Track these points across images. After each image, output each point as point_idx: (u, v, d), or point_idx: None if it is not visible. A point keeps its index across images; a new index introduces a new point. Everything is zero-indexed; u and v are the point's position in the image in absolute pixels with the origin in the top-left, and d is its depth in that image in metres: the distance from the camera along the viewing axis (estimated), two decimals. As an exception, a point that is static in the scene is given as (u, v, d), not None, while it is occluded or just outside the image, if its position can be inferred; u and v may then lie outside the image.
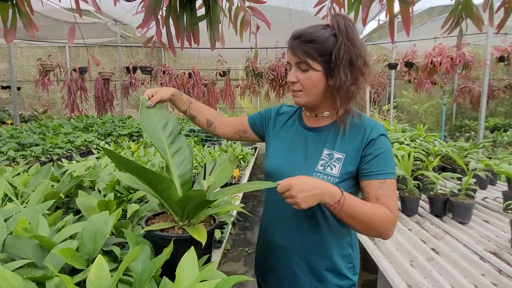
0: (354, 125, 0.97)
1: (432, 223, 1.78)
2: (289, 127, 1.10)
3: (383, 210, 0.89)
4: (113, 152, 0.73)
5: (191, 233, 0.79)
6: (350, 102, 0.95)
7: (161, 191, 0.82)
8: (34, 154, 2.63)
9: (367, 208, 0.87)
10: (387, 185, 0.91)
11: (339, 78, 0.90)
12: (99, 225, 0.83)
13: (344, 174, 0.93)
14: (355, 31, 0.92)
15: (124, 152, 2.58)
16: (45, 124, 3.97)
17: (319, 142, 0.99)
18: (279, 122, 1.13)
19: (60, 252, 0.70)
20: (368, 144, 0.93)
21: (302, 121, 1.07)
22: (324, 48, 0.90)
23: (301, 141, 1.03)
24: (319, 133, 1.01)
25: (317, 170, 0.95)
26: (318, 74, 0.93)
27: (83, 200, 1.02)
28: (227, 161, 1.07)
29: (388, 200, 0.90)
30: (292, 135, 1.07)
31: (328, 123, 1.01)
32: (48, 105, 7.19)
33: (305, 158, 0.99)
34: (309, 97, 0.96)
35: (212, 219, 0.96)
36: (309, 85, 0.94)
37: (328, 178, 0.93)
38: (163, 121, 0.98)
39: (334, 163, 0.94)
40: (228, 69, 5.93)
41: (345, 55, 0.89)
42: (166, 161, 0.93)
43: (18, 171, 1.65)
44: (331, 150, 0.96)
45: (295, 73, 0.96)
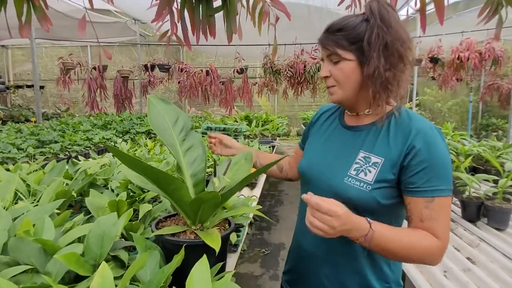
0: (399, 125, 0.84)
1: (465, 228, 1.65)
2: (328, 124, 1.02)
3: (427, 239, 0.76)
4: (120, 151, 0.67)
5: (204, 239, 0.72)
6: (388, 92, 0.82)
7: (171, 193, 0.76)
8: (53, 151, 2.65)
9: (403, 241, 0.75)
10: (436, 204, 0.77)
11: (372, 64, 0.80)
12: (107, 228, 0.77)
13: (380, 182, 0.81)
14: (391, 13, 0.82)
15: (140, 149, 2.56)
16: (66, 122, 4.03)
17: (357, 143, 0.89)
18: (320, 121, 1.06)
19: (63, 258, 0.65)
20: (411, 152, 0.79)
21: (342, 119, 0.98)
22: (354, 35, 0.81)
23: (338, 140, 0.95)
24: (358, 132, 0.91)
25: (349, 174, 0.85)
26: (351, 64, 0.83)
27: (93, 200, 0.97)
28: (242, 160, 1.00)
29: (434, 223, 0.77)
30: (330, 134, 0.99)
31: (370, 122, 0.90)
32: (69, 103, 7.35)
33: (338, 159, 0.90)
34: (344, 91, 0.87)
35: (227, 223, 0.89)
36: (342, 78, 0.85)
37: (360, 185, 0.82)
38: (173, 117, 0.92)
39: (370, 168, 0.83)
40: (245, 66, 5.86)
41: (378, 38, 0.79)
42: (177, 159, 0.87)
43: (34, 168, 1.64)
44: (368, 153, 0.85)
45: (327, 67, 0.88)
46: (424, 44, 5.97)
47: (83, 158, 2.14)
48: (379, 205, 0.81)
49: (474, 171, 2.31)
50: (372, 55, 0.80)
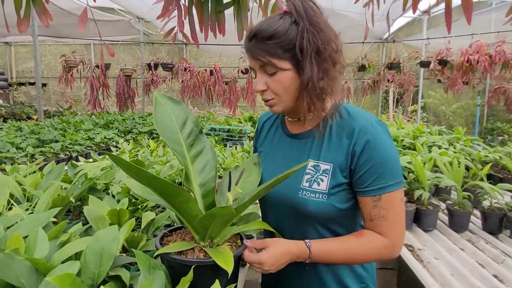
0: (341, 126, 0.80)
1: (487, 241, 1.56)
2: (272, 135, 0.95)
3: (370, 242, 0.77)
4: (121, 159, 0.59)
5: (216, 259, 0.64)
6: (322, 100, 0.78)
7: (178, 205, 0.68)
8: (53, 151, 2.58)
9: (343, 251, 0.77)
10: (383, 202, 0.75)
11: (306, 73, 0.73)
12: (106, 244, 0.69)
13: (334, 188, 0.78)
14: (318, 12, 0.75)
15: (143, 151, 2.48)
16: (67, 120, 3.96)
17: (304, 151, 0.84)
18: (263, 132, 0.99)
19: (56, 280, 0.57)
20: (356, 153, 0.76)
21: (285, 127, 0.92)
22: (288, 41, 0.74)
23: (284, 151, 0.88)
24: (303, 140, 0.85)
25: (303, 187, 0.80)
26: (288, 74, 0.76)
27: (92, 210, 0.89)
28: (251, 164, 0.92)
29: (382, 222, 0.76)
30: (276, 145, 0.92)
31: (311, 127, 0.84)
32: (71, 101, 7.30)
33: None
34: (285, 102, 0.80)
35: (238, 237, 0.81)
36: (281, 90, 0.78)
37: (316, 197, 0.78)
38: (181, 118, 0.84)
39: (321, 177, 0.79)
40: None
41: (310, 44, 0.72)
42: (185, 167, 0.79)
43: (32, 169, 1.57)
44: (316, 161, 0.80)
45: (262, 79, 0.79)
46: (430, 47, 5.88)
47: (83, 159, 2.06)
48: (339, 211, 0.79)
49: (489, 179, 2.22)
50: (305, 63, 0.73)
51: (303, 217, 0.81)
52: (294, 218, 0.83)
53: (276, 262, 0.72)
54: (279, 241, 0.76)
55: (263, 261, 0.71)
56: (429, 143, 2.57)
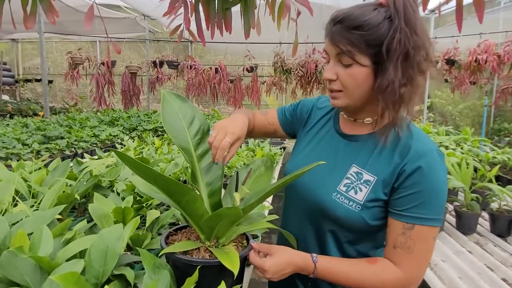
0: (398, 141, 0.74)
1: (496, 244, 1.54)
2: (321, 126, 0.91)
3: (384, 273, 0.72)
4: (127, 156, 0.58)
5: (221, 260, 0.63)
6: (398, 109, 0.71)
7: (184, 205, 0.67)
8: (59, 147, 2.59)
9: (353, 272, 0.72)
10: (414, 233, 0.69)
11: (387, 76, 0.68)
12: (111, 242, 0.69)
13: (371, 202, 0.74)
14: (417, 13, 0.69)
15: (148, 148, 2.48)
16: (73, 117, 3.98)
17: (350, 154, 0.80)
18: (313, 118, 0.94)
19: (60, 279, 0.56)
20: (404, 173, 0.71)
21: (337, 123, 0.88)
22: (375, 36, 0.68)
23: (331, 148, 0.84)
24: (353, 143, 0.81)
25: (339, 190, 0.77)
26: (364, 71, 0.71)
27: (97, 207, 0.89)
28: (262, 167, 0.91)
29: (406, 253, 0.70)
30: (322, 138, 0.88)
31: (368, 132, 0.80)
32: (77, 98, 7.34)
33: (329, 171, 0.80)
34: (350, 99, 0.75)
35: (244, 237, 0.80)
36: (351, 85, 0.73)
37: (349, 204, 0.75)
38: (189, 116, 0.83)
39: (361, 186, 0.75)
40: (255, 65, 5.77)
41: (400, 46, 0.66)
42: (192, 165, 0.78)
43: (37, 166, 1.57)
44: (360, 168, 0.76)
45: (334, 68, 0.74)
46: (439, 45, 5.81)
47: (88, 156, 2.06)
48: (368, 226, 0.75)
49: (498, 180, 2.19)
50: (388, 65, 0.68)
51: (327, 221, 0.78)
52: (317, 220, 0.81)
53: (279, 271, 0.71)
54: (285, 250, 0.74)
55: (266, 268, 0.69)
56: (436, 143, 2.55)
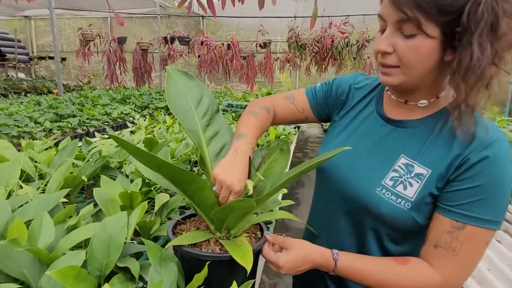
0: (459, 128, 0.61)
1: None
2: (360, 108, 0.79)
3: (418, 272, 0.62)
4: (127, 142, 0.51)
5: (233, 254, 0.57)
6: (477, 92, 0.57)
7: (192, 194, 0.60)
8: (71, 126, 2.57)
9: (380, 273, 0.64)
10: (464, 234, 0.59)
11: (469, 52, 0.54)
12: (114, 232, 0.64)
13: (423, 199, 0.63)
14: None
15: (159, 127, 2.43)
16: (85, 95, 3.96)
17: (398, 143, 0.68)
18: (351, 99, 0.82)
19: (57, 275, 0.52)
20: (464, 165, 0.59)
21: (381, 105, 0.75)
22: (450, 2, 0.54)
23: (373, 135, 0.73)
24: (401, 129, 0.69)
25: (384, 184, 0.66)
26: (430, 44, 0.57)
27: (102, 192, 0.84)
28: (277, 150, 0.83)
29: (448, 255, 0.60)
30: (362, 123, 0.76)
31: (420, 117, 0.68)
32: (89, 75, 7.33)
33: (372, 162, 0.70)
34: (407, 77, 0.62)
35: (257, 228, 0.74)
36: (412, 59, 0.60)
37: (396, 201, 0.64)
38: (196, 95, 0.75)
39: (412, 180, 0.64)
40: (269, 40, 5.58)
41: (486, 14, 0.52)
42: (200, 149, 0.71)
43: (46, 145, 1.54)
44: (411, 160, 0.65)
45: (391, 38, 0.61)
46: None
47: (99, 135, 2.03)
48: (417, 226, 0.65)
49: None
50: (471, 38, 0.54)
51: (369, 218, 0.68)
52: (357, 216, 0.71)
53: (294, 268, 0.64)
54: (302, 244, 0.67)
55: (281, 264, 0.63)
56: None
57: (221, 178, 0.63)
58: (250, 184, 0.63)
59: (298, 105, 0.87)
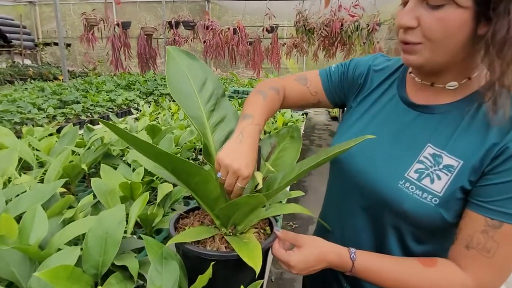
0: (493, 114, 0.54)
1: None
2: (380, 93, 0.71)
3: (445, 275, 0.56)
4: (121, 129, 0.46)
5: (240, 253, 0.52)
6: None
7: (195, 187, 0.55)
8: (74, 112, 2.53)
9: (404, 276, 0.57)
10: (500, 233, 0.52)
11: (506, 23, 0.48)
12: (111, 228, 0.59)
13: (452, 194, 0.55)
14: None
15: (164, 113, 2.38)
16: (89, 81, 3.91)
17: (423, 131, 0.61)
18: (370, 83, 0.74)
19: (47, 276, 0.47)
20: (502, 155, 0.53)
21: (403, 89, 0.68)
22: None
23: (395, 121, 0.66)
24: (427, 115, 0.62)
25: (407, 177, 0.59)
26: (461, 15, 0.51)
27: (100, 182, 0.79)
28: (287, 138, 0.77)
29: (482, 257, 0.53)
30: (383, 108, 0.69)
31: (450, 101, 0.60)
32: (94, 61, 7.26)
33: (394, 153, 0.63)
34: (434, 54, 0.55)
35: (266, 222, 0.68)
36: (440, 34, 0.53)
37: (422, 196, 0.57)
38: (200, 78, 0.69)
39: (440, 173, 0.57)
40: (275, 25, 5.43)
41: None
42: (204, 137, 0.65)
43: (48, 132, 1.50)
44: (439, 150, 0.58)
45: (415, 10, 0.54)
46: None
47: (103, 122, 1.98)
48: (444, 224, 0.58)
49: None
50: (509, 5, 0.47)
51: (390, 215, 0.62)
52: (377, 213, 0.65)
53: (307, 268, 0.59)
54: (316, 242, 0.61)
55: (292, 264, 0.58)
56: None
57: (227, 162, 0.56)
58: (259, 176, 0.57)
59: (310, 87, 0.80)
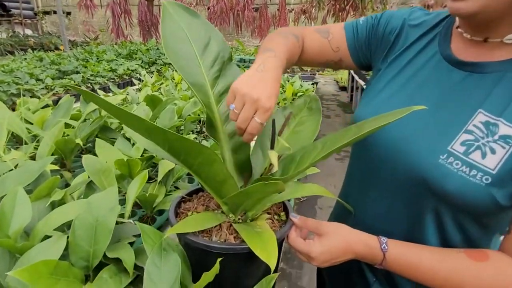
0: None
1: None
2: (418, 50, 0.59)
3: (502, 271, 0.46)
4: (102, 99, 0.36)
5: (253, 246, 0.43)
6: None
7: (197, 168, 0.46)
8: (74, 83, 2.43)
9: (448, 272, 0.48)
10: None
11: None
12: (102, 214, 0.51)
13: (509, 171, 0.45)
14: None
15: (166, 83, 2.27)
16: (90, 50, 3.76)
17: (474, 93, 0.51)
18: (404, 40, 0.62)
19: (25, 275, 0.39)
20: None
21: (447, 45, 0.56)
22: None
23: (437, 83, 0.55)
24: (480, 75, 0.51)
25: (451, 151, 0.49)
26: None
27: (93, 160, 0.70)
28: (304, 109, 0.66)
29: None
30: (421, 68, 0.58)
31: (508, 57, 0.49)
32: (95, 30, 7.03)
33: (435, 121, 0.52)
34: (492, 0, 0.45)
35: (280, 207, 0.60)
36: None
37: (470, 173, 0.47)
38: (202, 38, 0.58)
39: (494, 145, 0.47)
40: (283, -12, 5.12)
41: None
42: (207, 109, 0.55)
43: (43, 103, 1.41)
44: (494, 117, 0.48)
45: None
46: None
47: (102, 92, 1.89)
48: (496, 207, 0.48)
49: None
50: None
51: (429, 197, 0.52)
52: (412, 195, 0.54)
53: (330, 260, 0.51)
54: (340, 229, 0.52)
55: (313, 255, 0.50)
56: None
57: (245, 91, 0.47)
58: (274, 156, 0.48)
59: (332, 41, 0.69)
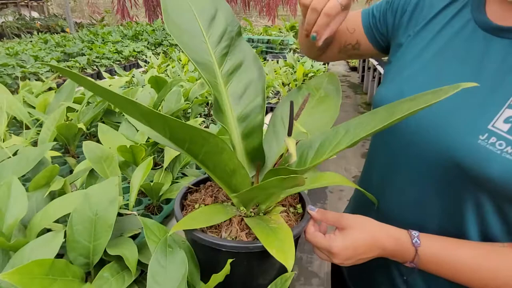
0: None
1: None
2: (446, 20, 0.53)
3: None
4: (89, 80, 0.31)
5: (267, 246, 0.39)
6: None
7: (204, 158, 0.41)
8: (79, 65, 2.38)
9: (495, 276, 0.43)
10: None
11: None
12: (101, 208, 0.46)
13: None
14: None
15: (173, 65, 2.20)
16: (95, 32, 3.69)
17: None
18: (428, 9, 0.55)
19: (15, 277, 0.36)
20: None
21: (482, 11, 0.49)
22: None
23: (473, 54, 0.48)
24: None
25: (492, 129, 0.43)
26: None
27: (93, 147, 0.66)
28: (321, 90, 0.60)
29: None
30: (452, 39, 0.51)
31: None
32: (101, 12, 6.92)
33: (472, 96, 0.45)
34: None
35: (296, 198, 0.55)
36: None
37: None
38: (208, 10, 0.51)
39: None
40: (292, -37, 4.91)
41: None
42: (214, 90, 0.49)
43: (47, 86, 1.37)
44: None
45: None
46: None
47: (108, 75, 1.83)
48: None
49: None
50: None
51: (467, 184, 0.46)
52: (446, 182, 0.48)
53: (354, 257, 0.45)
54: (366, 223, 0.46)
55: (335, 251, 0.44)
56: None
57: None
58: (292, 144, 0.42)
59: (348, 23, 0.66)
